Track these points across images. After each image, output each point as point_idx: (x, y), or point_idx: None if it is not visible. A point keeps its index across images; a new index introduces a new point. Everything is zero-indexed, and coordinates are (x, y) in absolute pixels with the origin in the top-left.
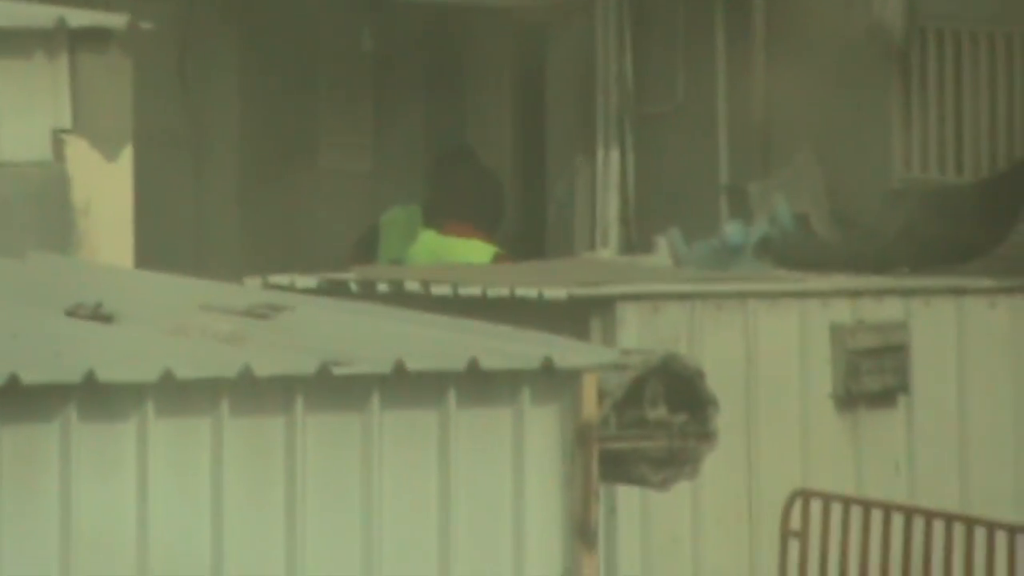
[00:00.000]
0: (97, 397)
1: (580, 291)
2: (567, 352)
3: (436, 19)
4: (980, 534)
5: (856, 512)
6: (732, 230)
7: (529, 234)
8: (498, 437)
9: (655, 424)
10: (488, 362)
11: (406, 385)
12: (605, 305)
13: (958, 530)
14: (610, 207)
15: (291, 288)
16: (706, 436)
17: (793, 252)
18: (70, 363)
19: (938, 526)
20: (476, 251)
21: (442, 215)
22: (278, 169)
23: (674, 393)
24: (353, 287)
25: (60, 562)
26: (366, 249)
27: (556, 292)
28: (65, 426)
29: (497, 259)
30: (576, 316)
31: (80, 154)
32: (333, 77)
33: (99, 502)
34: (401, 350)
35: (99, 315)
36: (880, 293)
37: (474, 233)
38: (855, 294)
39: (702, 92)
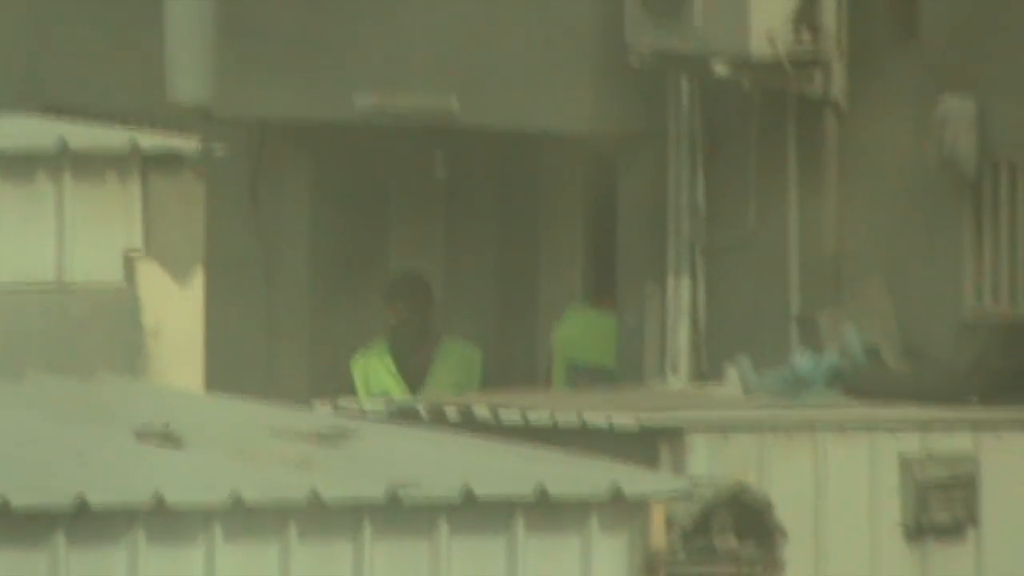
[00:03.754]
0: (165, 520)
1: (649, 420)
2: (636, 480)
3: (509, 148)
4: None
5: None
6: (802, 360)
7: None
8: (566, 565)
9: (723, 554)
10: (556, 489)
11: (474, 512)
12: (674, 434)
13: None
14: (680, 335)
15: (361, 413)
16: (774, 566)
17: (863, 383)
18: (138, 486)
19: None
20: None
21: (410, 333)
22: (348, 295)
23: (743, 522)
24: (422, 413)
25: None
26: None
27: (626, 420)
28: (133, 549)
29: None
30: (645, 444)
31: (151, 277)
32: (405, 204)
33: None
34: (469, 477)
35: (168, 438)
36: (950, 425)
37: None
38: (925, 426)
39: (773, 221)
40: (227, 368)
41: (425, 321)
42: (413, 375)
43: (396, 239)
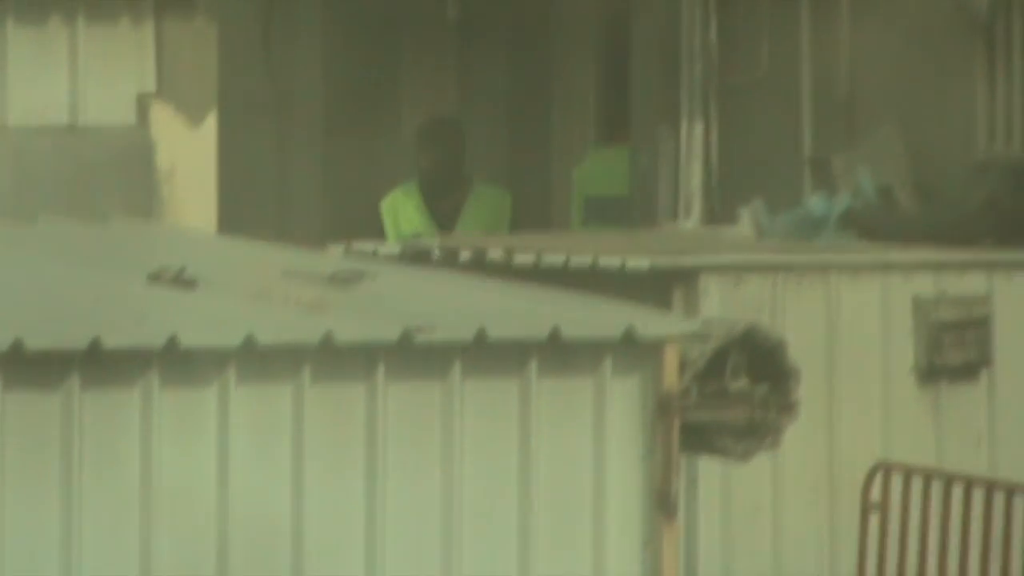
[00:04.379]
0: (179, 363)
1: (663, 262)
2: (649, 322)
3: None
4: None
5: (937, 486)
6: (815, 202)
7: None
8: (579, 407)
9: (736, 395)
10: (570, 332)
11: (487, 354)
12: (688, 276)
13: None
14: (693, 178)
15: (374, 255)
16: (788, 408)
17: (876, 224)
18: (152, 329)
19: (1019, 501)
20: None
21: (443, 178)
22: (362, 135)
23: (756, 364)
24: (436, 255)
25: (141, 527)
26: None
27: (639, 262)
28: (147, 392)
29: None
30: (658, 287)
31: (164, 119)
32: (417, 43)
33: (181, 468)
34: (483, 319)
35: (182, 281)
36: (963, 266)
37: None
38: (938, 267)
39: (786, 63)
40: (241, 210)
41: (457, 165)
42: (444, 219)
43: (408, 80)
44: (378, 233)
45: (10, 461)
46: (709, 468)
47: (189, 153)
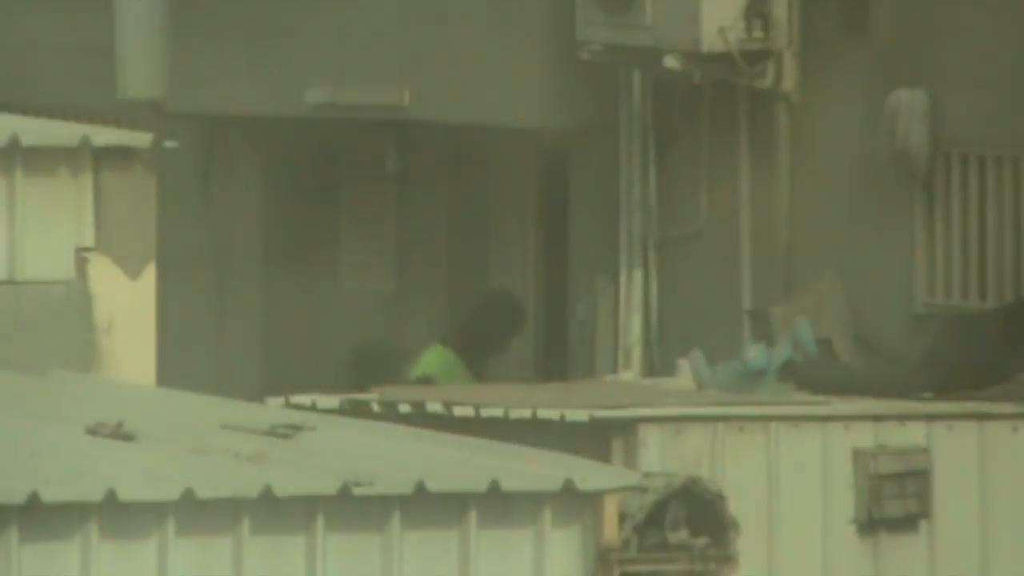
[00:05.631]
0: (118, 516)
1: (602, 413)
2: (589, 474)
3: (460, 141)
4: None
5: None
6: (755, 353)
7: (551, 356)
8: (519, 558)
9: (676, 547)
10: (509, 483)
11: (427, 506)
12: (627, 427)
13: None
14: (632, 329)
15: (313, 408)
16: (727, 560)
17: (815, 376)
18: (91, 482)
19: None
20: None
21: (486, 351)
22: (300, 288)
23: (696, 516)
24: (375, 407)
25: None
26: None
27: (578, 414)
28: (85, 545)
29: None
30: (598, 438)
31: (103, 272)
32: (356, 197)
33: None
34: (422, 471)
35: (120, 434)
36: (902, 418)
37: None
38: (877, 418)
39: (725, 214)
40: (180, 363)
41: (505, 341)
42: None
43: (348, 232)
44: (328, 382)
45: None
46: None
47: (127, 306)
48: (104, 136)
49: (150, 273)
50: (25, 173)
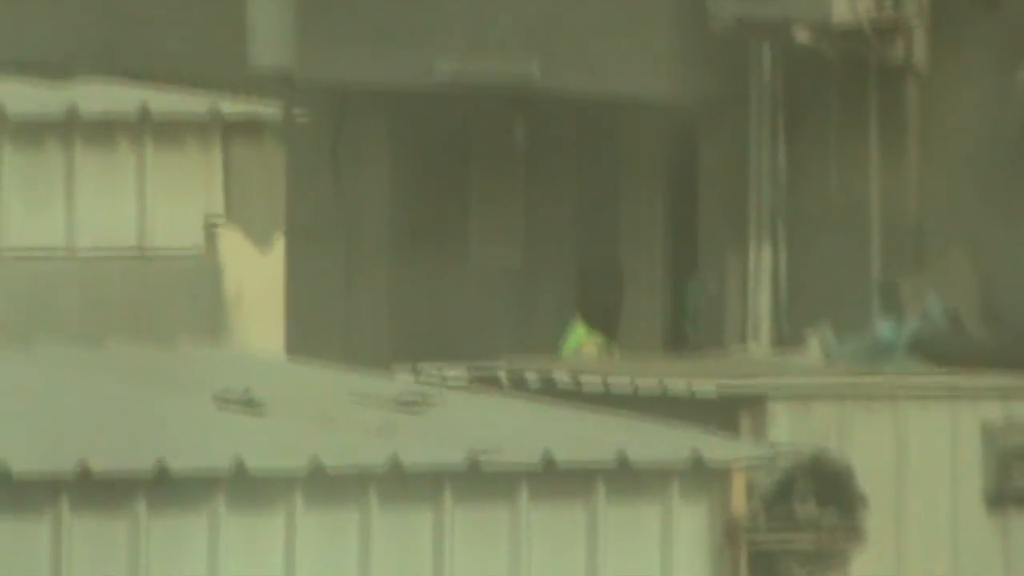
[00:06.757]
0: (245, 487)
1: (731, 387)
2: (717, 447)
3: (589, 116)
4: None
5: None
6: (884, 327)
7: (679, 330)
8: (647, 533)
9: (804, 521)
10: (637, 457)
11: (554, 479)
12: (756, 402)
13: None
14: (761, 302)
15: (440, 380)
16: (855, 535)
17: (945, 350)
18: (219, 452)
19: None
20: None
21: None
22: (428, 261)
23: (824, 490)
24: (503, 380)
25: None
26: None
27: (706, 388)
28: (213, 516)
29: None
30: (726, 412)
31: (232, 244)
32: (485, 172)
33: None
34: (550, 443)
35: (248, 405)
36: None
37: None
38: (1006, 393)
39: (855, 188)
40: (308, 334)
41: (613, 311)
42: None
43: (476, 207)
44: (455, 355)
45: None
46: None
47: (257, 277)
48: (234, 107)
49: (279, 245)
50: (155, 144)
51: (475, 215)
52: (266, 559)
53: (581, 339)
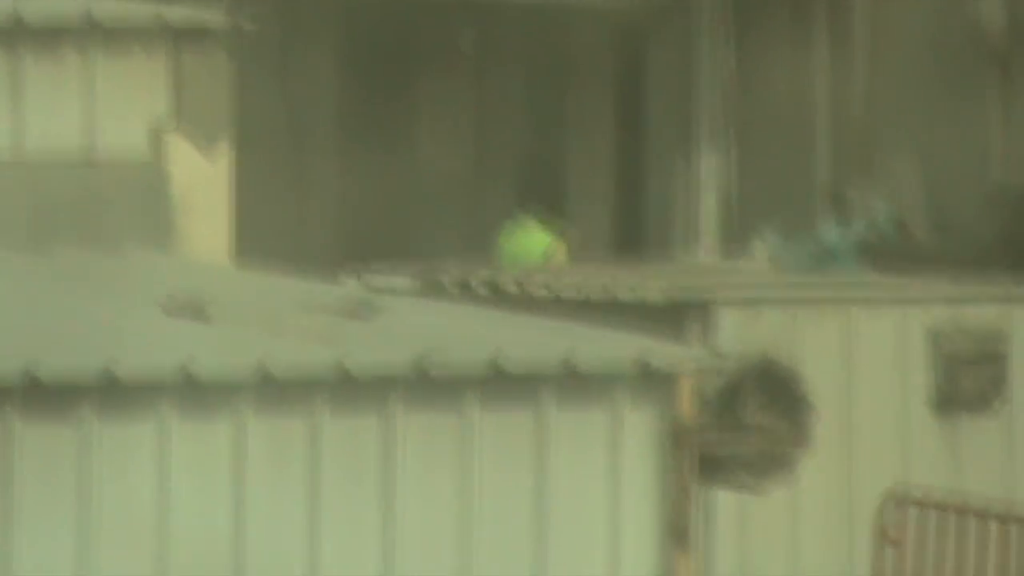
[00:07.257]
0: (192, 393)
1: (678, 295)
2: (664, 353)
3: (535, 21)
4: None
5: (952, 516)
6: (829, 232)
7: (626, 234)
8: (594, 437)
9: (752, 426)
10: (584, 363)
11: (502, 384)
12: (703, 307)
13: None
14: (708, 208)
15: (388, 287)
16: (803, 440)
17: (890, 254)
18: (165, 358)
19: None
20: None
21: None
22: (377, 165)
23: (771, 396)
24: (449, 287)
25: (154, 556)
26: None
27: (654, 295)
28: (160, 421)
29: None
30: (674, 318)
31: (179, 150)
32: (433, 76)
33: (194, 497)
34: (497, 349)
35: (195, 311)
36: (979, 298)
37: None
38: (954, 299)
39: (802, 93)
40: (257, 238)
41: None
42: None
43: (424, 111)
44: (393, 257)
45: (25, 491)
46: (726, 501)
47: (203, 185)
48: (180, 14)
49: (226, 151)
50: (102, 51)
51: (424, 120)
52: (214, 464)
53: (545, 244)
